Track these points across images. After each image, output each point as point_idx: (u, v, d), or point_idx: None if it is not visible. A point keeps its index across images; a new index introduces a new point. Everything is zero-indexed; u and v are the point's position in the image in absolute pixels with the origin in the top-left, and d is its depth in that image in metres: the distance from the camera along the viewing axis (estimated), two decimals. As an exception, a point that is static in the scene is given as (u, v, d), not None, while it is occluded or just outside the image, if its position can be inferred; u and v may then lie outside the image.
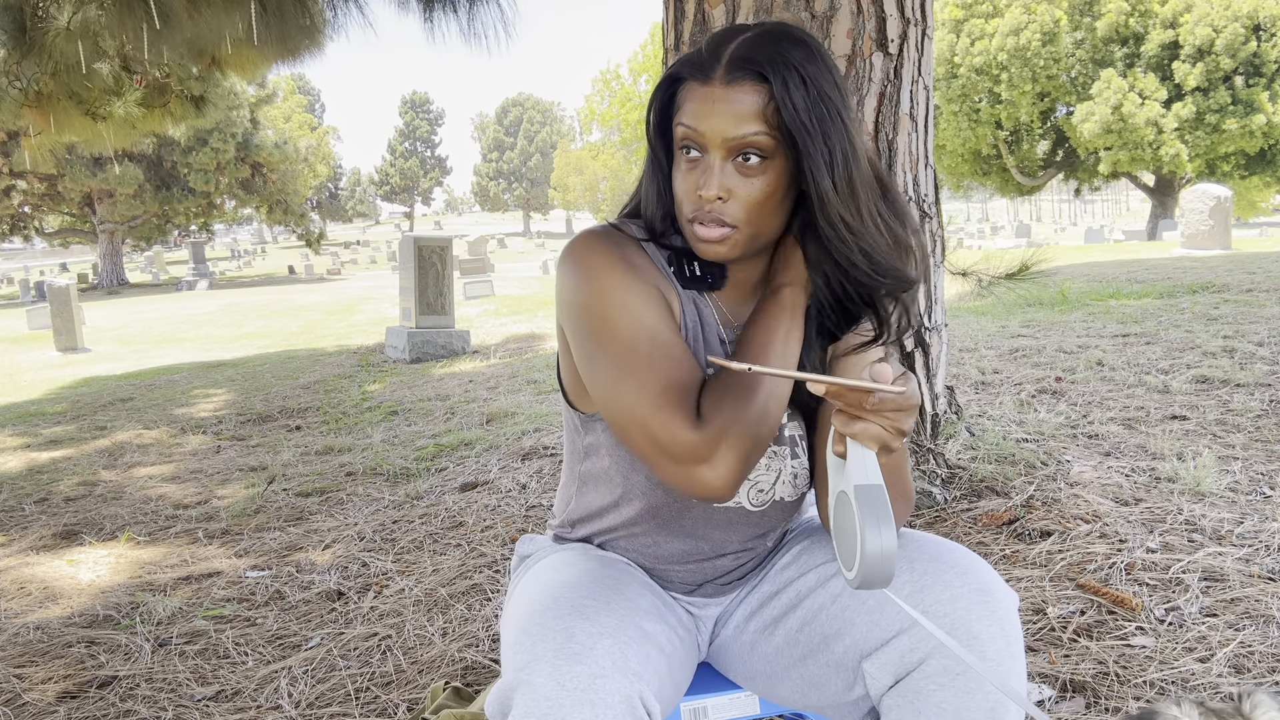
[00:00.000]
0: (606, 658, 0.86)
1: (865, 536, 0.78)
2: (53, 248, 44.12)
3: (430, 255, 8.23)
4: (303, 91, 61.67)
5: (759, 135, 0.93)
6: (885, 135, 2.42)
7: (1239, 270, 8.65)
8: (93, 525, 3.29)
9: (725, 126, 0.93)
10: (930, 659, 0.92)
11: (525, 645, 0.88)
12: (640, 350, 0.95)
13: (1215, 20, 22.01)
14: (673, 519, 1.09)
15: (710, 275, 1.04)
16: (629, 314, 0.96)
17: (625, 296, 0.97)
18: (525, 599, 0.98)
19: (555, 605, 0.91)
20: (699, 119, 0.95)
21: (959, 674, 0.90)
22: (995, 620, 0.92)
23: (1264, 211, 28.01)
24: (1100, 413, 3.42)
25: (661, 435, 0.93)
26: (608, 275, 0.98)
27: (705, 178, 0.95)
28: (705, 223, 0.96)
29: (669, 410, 0.93)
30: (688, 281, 1.04)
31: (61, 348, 10.85)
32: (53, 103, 5.09)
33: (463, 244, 32.43)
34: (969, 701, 0.90)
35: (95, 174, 25.62)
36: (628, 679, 0.85)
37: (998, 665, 0.90)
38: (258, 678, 1.96)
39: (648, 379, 0.94)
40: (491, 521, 2.87)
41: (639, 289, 0.98)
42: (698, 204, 0.96)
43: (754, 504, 1.09)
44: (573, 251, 1.01)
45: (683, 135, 0.97)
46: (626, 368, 0.95)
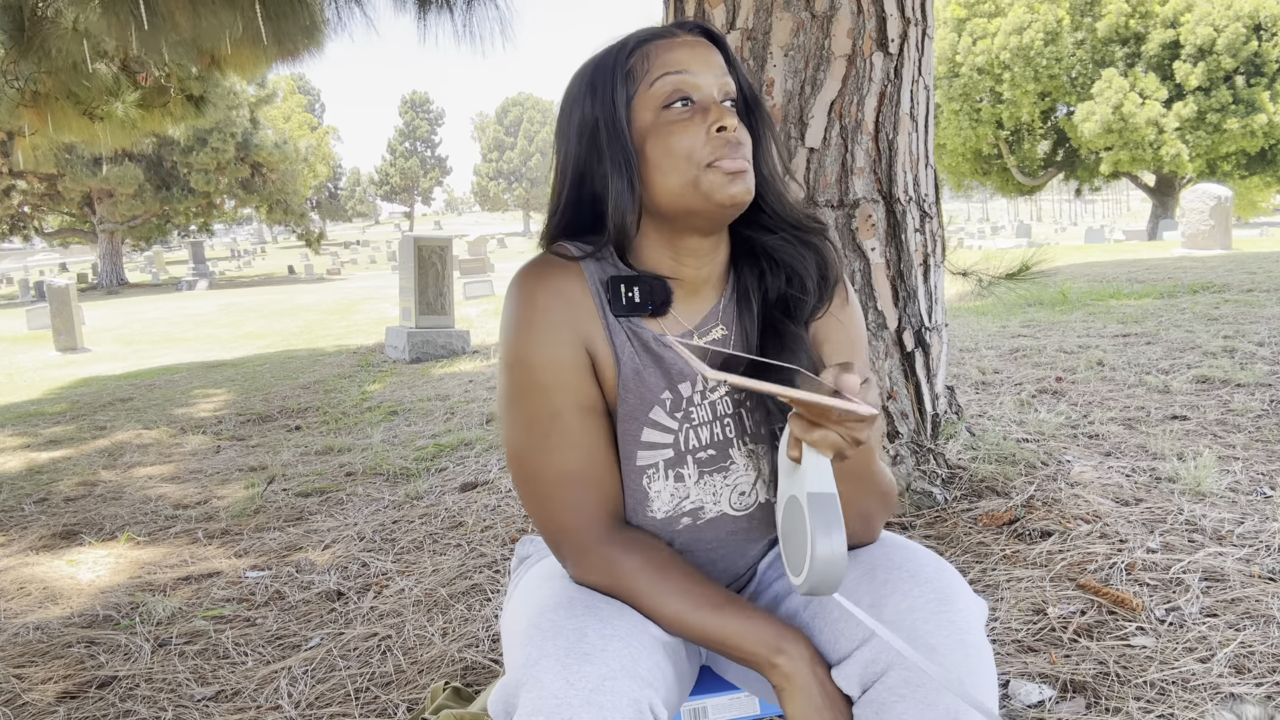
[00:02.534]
0: (617, 660, 0.85)
1: (816, 543, 0.78)
2: (52, 248, 44.12)
3: (430, 255, 8.23)
4: (303, 91, 61.65)
5: (733, 82, 1.00)
6: (885, 135, 2.42)
7: (1239, 270, 8.65)
8: (93, 525, 3.29)
9: (714, 70, 0.99)
10: (891, 670, 0.90)
11: (535, 641, 0.87)
12: (539, 429, 0.98)
13: (1216, 20, 22.00)
14: (662, 534, 1.07)
15: (651, 303, 1.01)
16: (541, 383, 0.98)
17: (542, 361, 0.98)
18: (535, 596, 0.97)
19: (569, 604, 0.91)
20: (688, 64, 0.97)
21: (919, 685, 0.88)
22: (954, 631, 0.89)
23: (1264, 211, 28.00)
24: (1100, 413, 3.42)
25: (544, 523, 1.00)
26: (528, 333, 0.98)
27: (718, 114, 0.96)
28: (733, 156, 0.95)
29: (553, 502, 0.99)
30: (623, 310, 1.00)
31: (61, 348, 10.85)
32: (50, 102, 5.09)
33: (463, 244, 32.43)
34: (929, 713, 0.87)
35: (95, 174, 25.63)
36: (637, 684, 0.84)
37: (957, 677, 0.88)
38: (258, 678, 1.96)
39: (545, 460, 0.98)
40: (491, 521, 2.87)
41: (557, 353, 0.98)
42: (717, 143, 0.95)
43: (736, 508, 1.07)
44: (511, 291, 1.02)
45: (673, 87, 0.96)
46: (526, 439, 0.99)
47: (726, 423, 1.05)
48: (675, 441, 1.03)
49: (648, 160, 0.98)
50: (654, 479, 1.03)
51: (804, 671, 0.91)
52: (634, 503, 1.04)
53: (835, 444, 0.81)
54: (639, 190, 0.99)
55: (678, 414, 1.03)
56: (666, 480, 1.04)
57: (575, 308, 1.00)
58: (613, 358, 1.01)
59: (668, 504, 1.04)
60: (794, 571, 0.82)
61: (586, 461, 0.99)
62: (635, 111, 0.98)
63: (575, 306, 1.00)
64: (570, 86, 1.04)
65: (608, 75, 0.99)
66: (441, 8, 4.37)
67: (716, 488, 1.06)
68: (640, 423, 1.02)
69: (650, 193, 0.99)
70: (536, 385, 0.98)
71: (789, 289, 1.05)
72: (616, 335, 1.01)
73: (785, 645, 0.92)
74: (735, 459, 1.06)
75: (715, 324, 1.05)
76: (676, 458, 1.04)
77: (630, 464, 1.03)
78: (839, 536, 0.78)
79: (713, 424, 1.05)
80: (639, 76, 0.98)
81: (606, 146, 0.99)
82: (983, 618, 0.93)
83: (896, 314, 2.46)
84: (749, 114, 1.03)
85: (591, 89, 1.00)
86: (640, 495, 1.04)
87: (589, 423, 1.00)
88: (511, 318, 1.00)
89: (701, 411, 1.04)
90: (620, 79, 0.98)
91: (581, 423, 0.99)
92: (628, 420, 1.02)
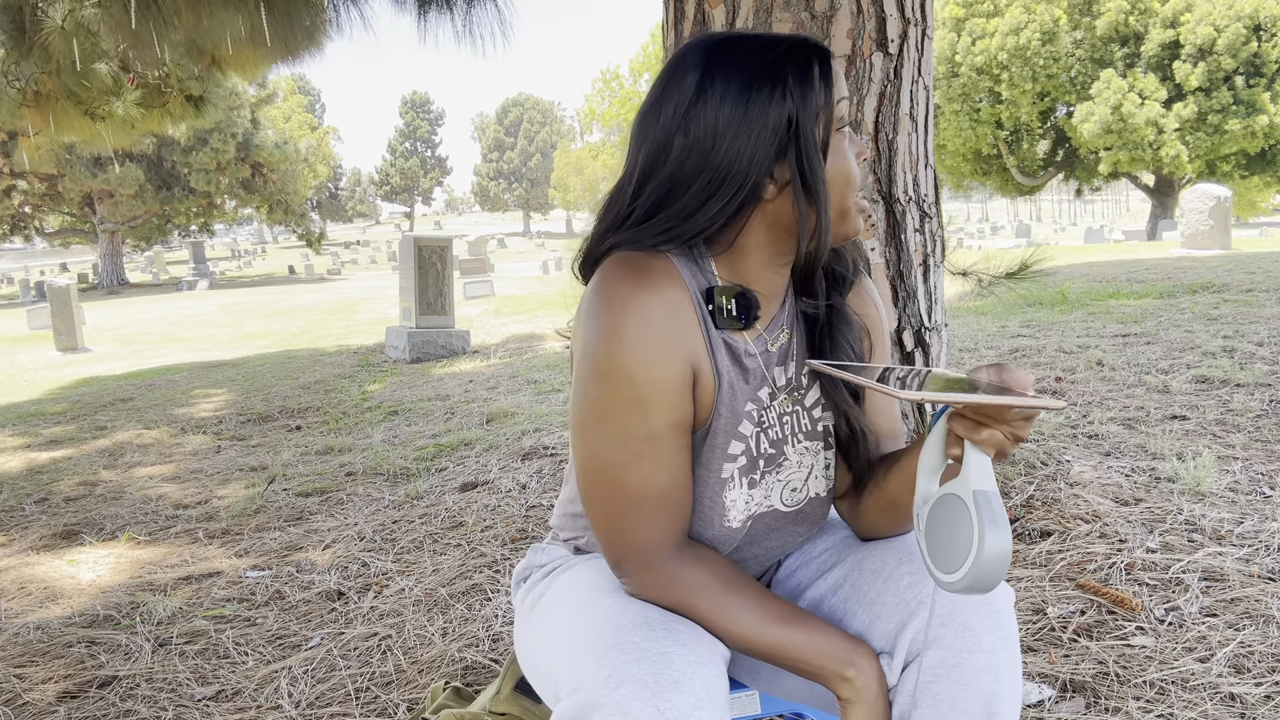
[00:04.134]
0: (704, 689, 0.83)
1: (985, 538, 0.78)
2: (53, 248, 44.14)
3: (430, 255, 8.23)
4: (303, 91, 61.67)
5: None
6: (885, 135, 2.42)
7: (1239, 270, 8.65)
8: (93, 525, 3.29)
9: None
10: (927, 651, 0.92)
11: (615, 664, 0.83)
12: (632, 446, 0.92)
13: (1217, 20, 22.00)
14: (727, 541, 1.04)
15: (745, 316, 0.97)
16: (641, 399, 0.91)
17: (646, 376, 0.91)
18: (597, 613, 0.93)
19: (648, 626, 0.88)
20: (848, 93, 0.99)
21: (955, 665, 0.90)
22: (991, 613, 0.92)
23: (1264, 211, 28.00)
24: (1100, 413, 3.42)
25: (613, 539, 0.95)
26: (630, 342, 0.90)
27: (858, 146, 0.97)
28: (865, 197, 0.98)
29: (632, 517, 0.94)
30: (724, 322, 0.97)
31: (61, 348, 10.85)
32: (51, 102, 5.10)
33: (463, 244, 32.43)
34: (964, 692, 0.90)
35: (95, 174, 25.63)
36: (720, 712, 0.84)
37: (992, 657, 0.90)
38: (258, 678, 1.96)
39: (631, 477, 0.93)
40: (491, 521, 2.87)
41: (662, 368, 0.91)
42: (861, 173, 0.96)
43: (787, 504, 1.07)
44: (604, 291, 0.92)
45: (845, 111, 0.96)
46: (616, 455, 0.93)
47: (785, 420, 1.05)
48: (748, 449, 1.02)
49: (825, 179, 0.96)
50: (730, 488, 1.02)
51: (873, 686, 0.91)
52: (709, 514, 1.02)
53: (1000, 443, 0.80)
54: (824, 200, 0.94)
55: (759, 421, 1.03)
56: (741, 488, 1.02)
57: (680, 319, 0.93)
58: (713, 373, 0.97)
59: (742, 512, 1.03)
60: (946, 570, 0.82)
61: (670, 482, 0.95)
62: (820, 123, 0.93)
63: (680, 317, 0.93)
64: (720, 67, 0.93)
65: (806, 76, 0.92)
66: (441, 8, 4.37)
67: (770, 484, 1.05)
68: (730, 436, 1.00)
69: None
70: (637, 401, 0.91)
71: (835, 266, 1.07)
72: (718, 350, 0.98)
73: (857, 660, 0.92)
74: (789, 456, 1.05)
75: (782, 329, 1.05)
76: (749, 464, 1.02)
77: (715, 475, 1.00)
78: (1006, 531, 0.79)
79: (777, 426, 1.05)
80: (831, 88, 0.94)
81: (793, 148, 0.92)
82: (1012, 602, 0.96)
83: (896, 314, 2.47)
84: None
85: (781, 82, 0.92)
86: (716, 507, 1.01)
87: (680, 442, 0.96)
88: (608, 322, 0.91)
89: (770, 414, 1.03)
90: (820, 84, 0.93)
91: (674, 442, 0.95)
92: (720, 434, 1.00)
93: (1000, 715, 0.90)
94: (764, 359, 1.02)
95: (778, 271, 1.01)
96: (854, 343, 1.05)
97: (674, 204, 0.94)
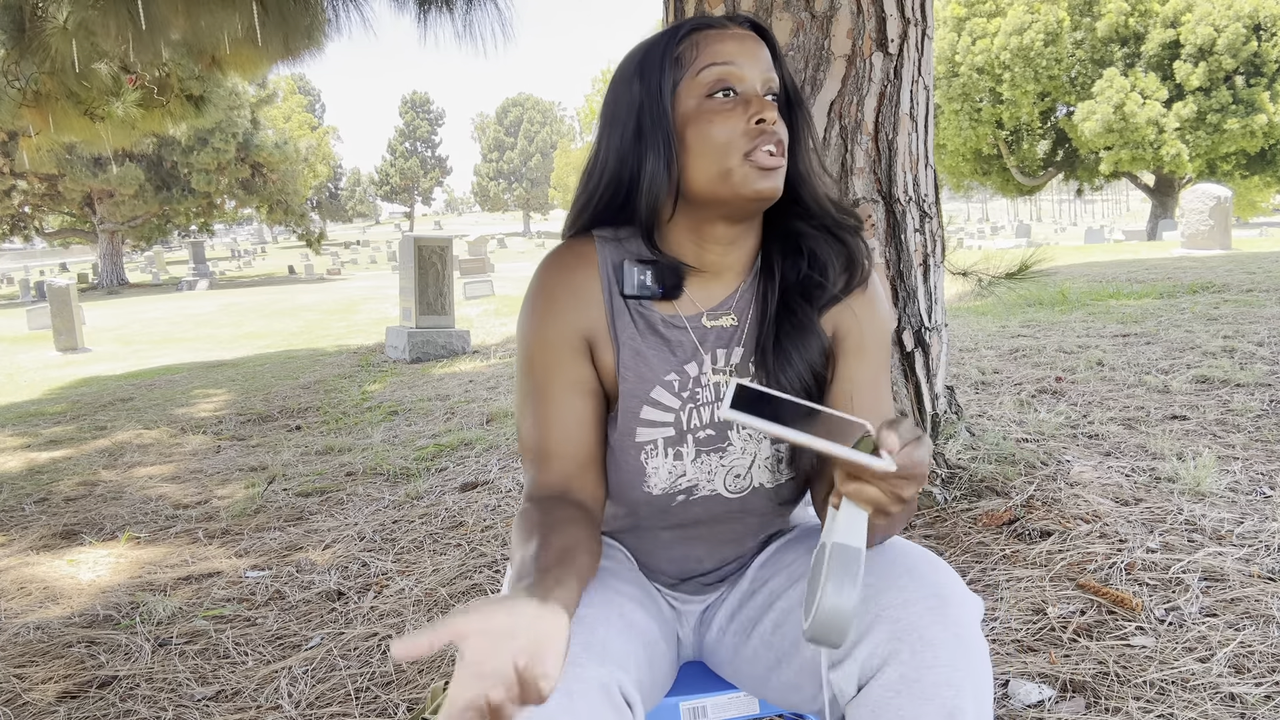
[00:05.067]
0: (580, 640, 0.85)
1: (824, 594, 0.76)
2: (53, 248, 44.14)
3: (430, 255, 8.23)
4: (303, 91, 61.66)
5: (779, 78, 1.02)
6: (885, 135, 2.42)
7: (1239, 270, 8.65)
8: (93, 525, 3.29)
9: (760, 63, 1.00)
10: (887, 666, 0.89)
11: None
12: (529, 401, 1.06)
13: (1217, 19, 21.99)
14: (654, 514, 1.09)
15: (662, 286, 1.04)
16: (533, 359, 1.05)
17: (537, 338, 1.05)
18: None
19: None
20: (735, 56, 0.99)
21: (914, 680, 0.88)
22: (948, 626, 0.88)
23: (1264, 211, 27.99)
24: (1100, 413, 3.42)
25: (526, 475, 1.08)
26: (530, 313, 1.06)
27: (759, 106, 0.97)
28: (769, 149, 0.97)
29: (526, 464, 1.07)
30: (632, 291, 1.04)
31: (61, 348, 10.85)
32: (51, 102, 5.09)
33: (463, 244, 32.42)
34: (926, 707, 0.87)
35: (96, 174, 25.62)
36: (606, 667, 0.85)
37: (952, 670, 0.87)
38: (258, 678, 1.96)
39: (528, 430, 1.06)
40: (491, 521, 2.87)
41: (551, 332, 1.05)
42: (754, 134, 0.97)
43: (731, 490, 1.08)
44: (533, 278, 1.08)
45: (718, 77, 0.98)
46: (520, 409, 1.08)
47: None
48: (676, 420, 1.05)
49: (687, 146, 1.00)
50: (652, 455, 1.05)
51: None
52: (631, 478, 1.06)
53: (874, 499, 0.78)
54: (675, 175, 1.01)
55: (683, 394, 1.06)
56: (665, 458, 1.06)
57: (580, 295, 1.05)
58: (612, 339, 1.05)
59: (664, 480, 1.06)
60: (805, 615, 0.81)
61: (555, 434, 1.04)
62: (680, 97, 1.00)
63: (579, 289, 1.05)
64: (619, 68, 1.06)
65: (657, 59, 1.01)
66: (441, 8, 4.37)
67: (712, 467, 1.07)
68: (640, 400, 1.05)
69: (685, 178, 1.01)
70: (528, 361, 1.05)
71: (810, 271, 1.07)
72: (619, 317, 1.05)
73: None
74: (733, 441, 1.06)
75: (728, 312, 1.07)
76: (677, 436, 1.05)
77: (629, 440, 1.05)
78: (850, 592, 0.76)
79: (714, 405, 1.06)
80: (687, 63, 1.00)
81: (648, 129, 1.01)
82: (978, 615, 0.93)
83: (896, 314, 2.46)
84: (790, 111, 1.06)
85: (640, 71, 1.02)
86: (637, 471, 1.06)
87: (567, 400, 1.04)
88: (526, 301, 1.08)
89: (706, 392, 1.06)
90: (669, 63, 1.00)
91: (565, 402, 1.04)
92: (628, 398, 1.05)
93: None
94: (698, 334, 1.06)
95: (707, 248, 1.05)
96: (805, 356, 1.05)
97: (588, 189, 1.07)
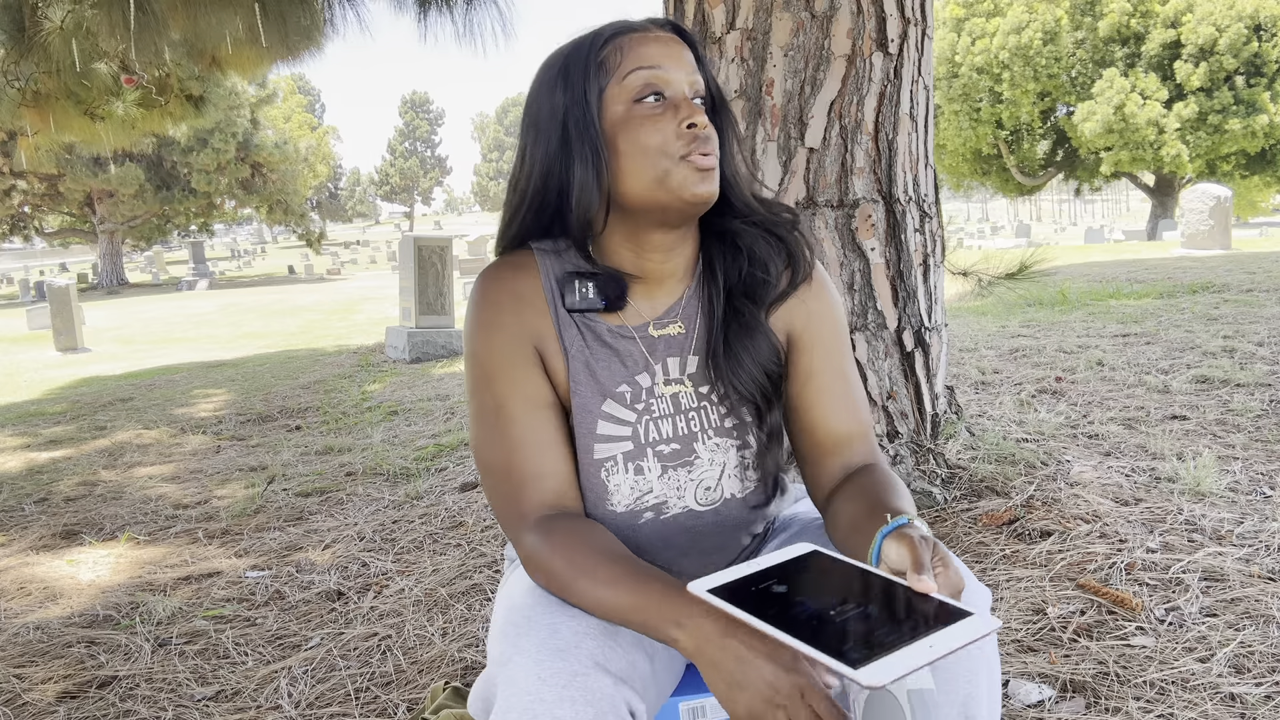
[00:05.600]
0: (590, 657, 0.84)
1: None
2: (53, 248, 44.13)
3: (430, 255, 8.23)
4: (303, 91, 61.63)
5: (703, 81, 1.01)
6: (885, 135, 2.42)
7: (1239, 270, 8.65)
8: (93, 525, 3.29)
9: (685, 66, 0.99)
10: None
11: (509, 637, 0.87)
12: (487, 420, 1.01)
13: (1218, 19, 21.98)
14: (624, 529, 1.06)
15: (605, 298, 1.02)
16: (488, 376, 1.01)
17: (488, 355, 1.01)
18: (513, 594, 0.98)
19: (545, 601, 0.91)
20: (661, 60, 0.97)
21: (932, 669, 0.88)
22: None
23: (1264, 211, 28.00)
24: (1100, 413, 3.42)
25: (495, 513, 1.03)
26: (477, 329, 1.02)
27: (688, 110, 0.96)
28: (704, 152, 0.95)
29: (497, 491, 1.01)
30: (576, 304, 1.02)
31: (61, 348, 10.85)
32: (51, 102, 5.10)
33: (463, 244, 32.41)
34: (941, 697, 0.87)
35: (96, 174, 25.62)
36: (611, 680, 0.84)
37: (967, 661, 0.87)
38: (258, 678, 1.96)
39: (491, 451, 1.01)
40: (491, 521, 2.87)
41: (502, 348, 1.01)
42: (688, 139, 0.95)
43: (702, 503, 1.06)
44: (472, 295, 1.05)
45: (645, 82, 0.96)
46: (477, 430, 1.03)
47: (691, 416, 1.05)
48: (634, 434, 1.03)
49: (618, 153, 0.97)
50: (613, 472, 1.03)
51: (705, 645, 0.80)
52: (594, 496, 1.04)
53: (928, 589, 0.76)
54: (606, 183, 0.99)
55: (637, 405, 1.04)
56: (626, 474, 1.03)
57: (525, 304, 1.02)
58: (561, 352, 1.03)
59: (628, 498, 1.04)
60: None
61: (526, 454, 0.99)
62: (606, 104, 0.98)
63: (525, 303, 1.02)
64: (539, 75, 1.02)
65: (580, 66, 0.98)
66: (441, 8, 4.37)
67: (680, 483, 1.05)
68: (594, 415, 1.03)
69: (618, 186, 0.98)
70: (485, 378, 1.01)
71: (751, 269, 1.06)
72: (566, 330, 1.03)
73: (684, 620, 0.82)
74: (700, 453, 1.05)
75: (674, 319, 1.06)
76: (636, 450, 1.03)
77: (588, 457, 1.03)
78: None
79: (675, 417, 1.04)
80: (612, 69, 0.98)
81: (575, 138, 0.98)
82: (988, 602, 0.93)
83: (896, 314, 2.46)
84: (715, 114, 1.04)
85: (564, 78, 0.99)
86: (599, 489, 1.04)
87: (532, 416, 1.00)
88: (469, 315, 1.04)
89: (662, 404, 1.04)
90: (593, 70, 0.98)
91: (524, 415, 1.00)
92: (581, 413, 1.03)
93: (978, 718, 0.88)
94: (646, 344, 1.04)
95: (646, 255, 1.03)
96: (756, 358, 1.04)
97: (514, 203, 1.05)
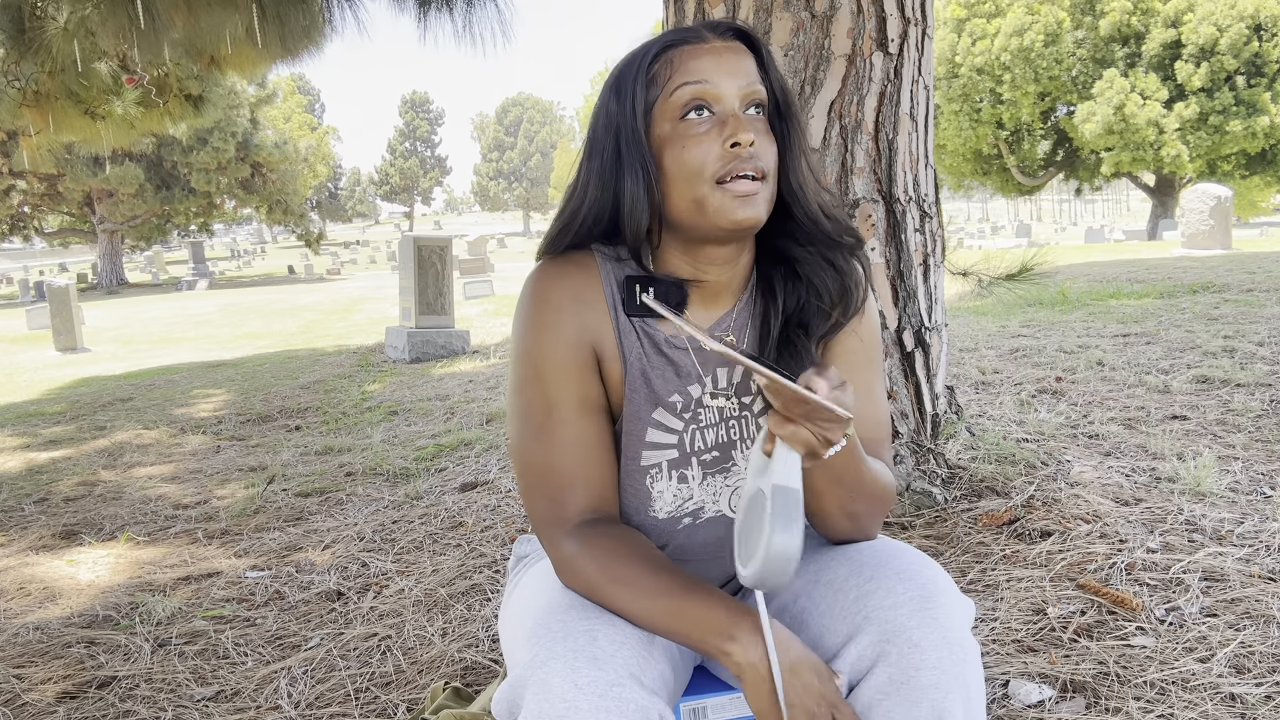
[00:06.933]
0: (625, 667, 0.84)
1: (773, 536, 0.78)
2: (52, 248, 44.13)
3: (430, 255, 8.23)
4: (303, 91, 61.61)
5: (763, 88, 0.98)
6: (885, 135, 2.42)
7: (1239, 270, 8.65)
8: (92, 525, 3.29)
9: (738, 77, 0.96)
10: (877, 668, 0.89)
11: (544, 641, 0.86)
12: (534, 420, 0.99)
13: (1219, 19, 21.97)
14: (660, 537, 1.06)
15: (666, 305, 0.99)
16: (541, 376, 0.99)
17: (544, 354, 0.99)
18: (542, 596, 0.96)
19: (581, 606, 0.90)
20: (710, 73, 0.95)
21: (903, 683, 0.87)
22: (937, 628, 0.88)
23: (1264, 211, 28.01)
24: (1100, 413, 3.42)
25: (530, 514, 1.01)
26: (534, 327, 1.00)
27: (734, 127, 0.93)
28: (743, 175, 0.93)
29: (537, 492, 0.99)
30: (636, 310, 1.00)
31: (61, 348, 10.85)
32: (51, 102, 5.10)
33: (463, 244, 32.41)
34: (915, 710, 0.87)
35: (95, 174, 25.62)
36: (644, 692, 0.84)
37: (940, 673, 0.86)
38: (257, 678, 1.96)
39: (535, 451, 0.99)
40: (491, 521, 2.87)
41: (560, 348, 0.99)
42: (729, 158, 0.93)
43: (735, 509, 1.07)
44: (526, 286, 1.03)
45: (691, 96, 0.94)
46: (522, 429, 1.00)
47: (732, 425, 1.05)
48: (680, 442, 1.03)
49: (664, 170, 0.96)
50: (657, 479, 1.03)
51: (759, 662, 0.85)
52: (636, 502, 1.04)
53: (806, 441, 0.82)
54: (657, 199, 0.98)
55: (685, 415, 1.04)
56: (670, 480, 1.04)
57: (586, 305, 1.00)
58: (620, 357, 1.01)
59: (670, 504, 1.04)
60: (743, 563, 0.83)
61: (574, 457, 0.98)
62: (655, 119, 0.97)
63: (586, 304, 1.00)
64: (603, 87, 1.03)
65: (631, 79, 0.98)
66: (441, 8, 4.37)
67: (717, 489, 1.06)
68: (645, 423, 1.02)
69: (666, 204, 0.97)
70: (537, 377, 0.99)
71: (809, 298, 1.04)
72: (626, 335, 1.02)
73: (738, 634, 0.85)
74: (737, 460, 1.06)
75: (727, 331, 1.06)
76: (681, 458, 1.04)
77: (634, 463, 1.03)
78: (796, 532, 0.79)
79: (719, 426, 1.05)
80: (660, 82, 0.96)
81: (625, 152, 0.97)
82: (969, 616, 0.92)
83: (896, 314, 2.46)
84: (781, 122, 1.01)
85: (617, 92, 0.99)
86: (643, 495, 1.04)
87: (585, 419, 0.99)
88: (522, 312, 1.01)
89: (709, 414, 1.04)
90: (641, 84, 0.97)
91: (577, 418, 0.99)
92: (632, 420, 1.02)
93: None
94: (699, 355, 1.04)
95: (702, 269, 1.02)
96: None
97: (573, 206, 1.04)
